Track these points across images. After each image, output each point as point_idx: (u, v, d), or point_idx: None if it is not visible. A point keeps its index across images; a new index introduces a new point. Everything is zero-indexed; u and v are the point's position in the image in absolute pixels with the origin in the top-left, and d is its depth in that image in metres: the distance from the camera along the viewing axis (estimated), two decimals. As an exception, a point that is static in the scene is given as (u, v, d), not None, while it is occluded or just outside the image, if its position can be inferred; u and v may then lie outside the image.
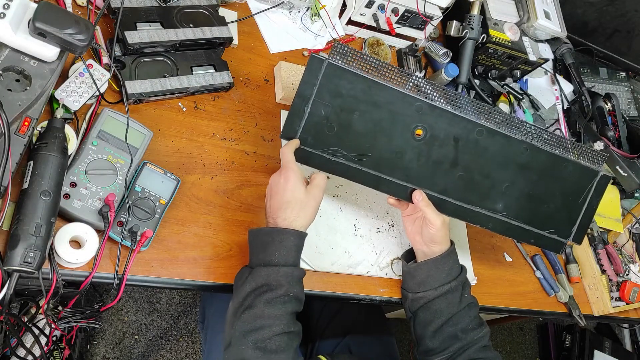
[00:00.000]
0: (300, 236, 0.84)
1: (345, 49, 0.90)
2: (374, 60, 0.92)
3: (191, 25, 0.98)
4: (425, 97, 0.94)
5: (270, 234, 0.83)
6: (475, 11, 1.28)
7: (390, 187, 0.96)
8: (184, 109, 0.98)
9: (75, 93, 0.84)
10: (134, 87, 0.91)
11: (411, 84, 0.94)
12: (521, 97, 1.41)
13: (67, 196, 0.78)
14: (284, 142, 0.94)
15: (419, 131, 0.94)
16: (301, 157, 0.93)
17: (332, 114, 0.92)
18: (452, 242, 0.99)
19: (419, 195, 0.95)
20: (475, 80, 1.35)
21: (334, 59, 0.90)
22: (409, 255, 1.03)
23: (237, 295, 0.82)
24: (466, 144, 0.96)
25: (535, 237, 1.03)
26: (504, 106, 1.38)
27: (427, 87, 0.95)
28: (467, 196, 0.98)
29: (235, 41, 1.09)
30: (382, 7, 1.20)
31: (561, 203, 1.02)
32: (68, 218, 0.79)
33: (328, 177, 0.92)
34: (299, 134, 0.92)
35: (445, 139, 0.95)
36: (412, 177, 0.96)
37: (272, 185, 0.87)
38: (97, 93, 0.86)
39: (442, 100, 0.95)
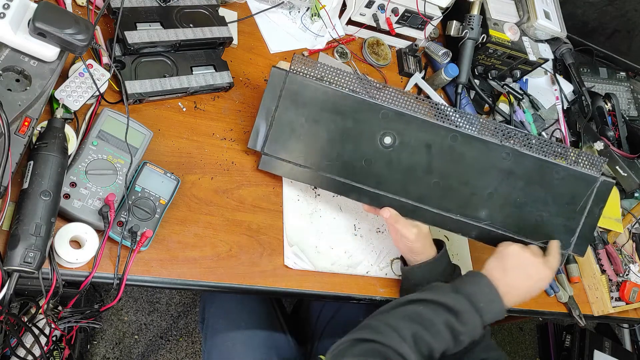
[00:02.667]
0: (504, 312, 0.87)
1: (306, 60, 0.92)
2: (335, 70, 0.93)
3: (191, 25, 0.98)
4: (391, 104, 0.93)
5: (493, 291, 0.86)
6: (475, 11, 1.28)
7: (360, 194, 0.96)
8: (184, 109, 0.98)
9: (75, 93, 0.84)
10: (134, 87, 0.91)
11: (374, 91, 0.93)
12: (521, 97, 1.41)
13: (67, 196, 0.78)
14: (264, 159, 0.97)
15: (387, 138, 0.94)
16: (269, 165, 0.96)
17: (297, 123, 0.94)
18: (442, 245, 0.99)
19: (385, 213, 0.94)
20: (475, 80, 1.35)
21: (294, 71, 0.92)
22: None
23: (424, 292, 0.85)
24: (440, 150, 0.94)
25: None
26: (503, 106, 1.38)
27: (393, 93, 0.94)
28: (445, 204, 0.96)
29: (235, 41, 1.09)
30: (382, 7, 1.20)
31: (555, 211, 0.97)
32: (68, 218, 0.79)
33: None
34: (265, 143, 0.95)
35: (416, 145, 0.94)
36: (383, 184, 0.95)
37: (531, 262, 0.90)
38: (97, 93, 0.86)
39: (410, 107, 0.94)
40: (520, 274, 0.88)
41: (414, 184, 0.95)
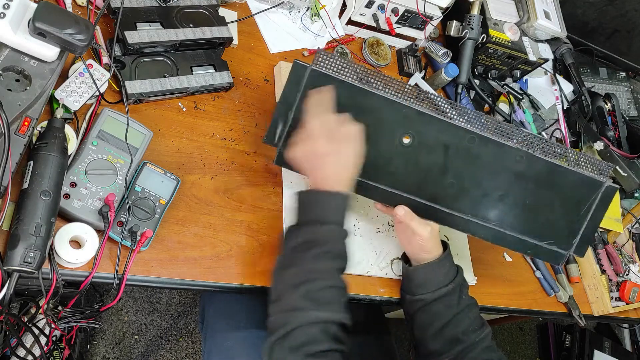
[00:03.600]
0: (342, 197, 0.85)
1: (329, 56, 0.90)
2: (358, 67, 0.92)
3: (191, 25, 0.98)
4: (414, 104, 0.93)
5: (323, 196, 0.84)
6: (475, 11, 1.28)
7: (376, 193, 0.95)
8: (184, 109, 0.98)
9: (75, 93, 0.84)
10: (133, 87, 0.91)
11: (397, 90, 0.93)
12: (521, 97, 1.41)
13: (67, 196, 0.78)
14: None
15: (407, 137, 0.93)
16: (285, 162, 0.93)
17: None
18: (447, 245, 0.99)
19: (400, 211, 0.94)
20: (475, 80, 1.35)
21: (317, 66, 0.90)
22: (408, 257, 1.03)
23: (284, 250, 0.84)
24: (457, 152, 0.94)
25: (531, 247, 0.99)
26: (503, 106, 1.38)
27: (416, 93, 0.93)
28: (458, 204, 0.96)
29: (235, 41, 1.09)
30: (382, 7, 1.20)
31: (561, 214, 0.98)
32: (68, 218, 0.79)
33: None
34: (283, 139, 0.92)
35: (434, 145, 0.94)
36: (399, 183, 0.95)
37: (320, 148, 0.86)
38: (97, 93, 0.86)
39: (431, 107, 0.94)
40: (322, 163, 0.85)
41: (429, 184, 0.95)
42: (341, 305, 0.81)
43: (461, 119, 0.95)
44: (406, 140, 0.93)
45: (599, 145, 1.36)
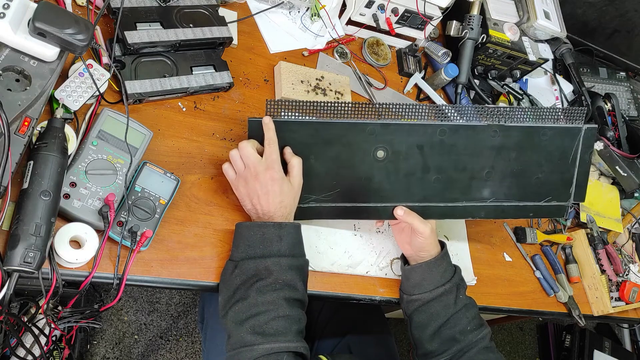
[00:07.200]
0: (280, 226, 0.85)
1: (279, 102, 0.89)
2: (310, 103, 0.91)
3: (191, 25, 0.98)
4: (373, 119, 0.93)
5: (255, 227, 0.85)
6: (475, 11, 1.28)
7: (369, 212, 0.97)
8: (184, 109, 0.98)
9: (75, 93, 0.84)
10: (133, 87, 0.91)
11: (355, 111, 0.92)
12: (521, 97, 1.41)
13: (67, 196, 0.78)
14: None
15: (380, 152, 0.94)
16: None
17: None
18: (444, 245, 0.99)
19: (400, 211, 0.96)
20: (475, 80, 1.35)
21: (271, 115, 0.89)
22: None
23: (225, 288, 0.84)
24: (431, 148, 0.96)
25: (533, 209, 1.04)
26: (503, 106, 1.38)
27: (376, 107, 0.94)
28: (449, 195, 0.99)
29: (235, 41, 1.09)
30: (382, 7, 1.20)
31: (550, 170, 1.03)
32: (68, 218, 0.79)
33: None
34: None
35: (408, 150, 0.95)
36: (387, 196, 0.96)
37: (260, 186, 0.87)
38: (97, 93, 0.86)
39: (392, 115, 0.94)
40: (264, 200, 0.87)
41: (416, 186, 0.97)
42: (293, 334, 0.80)
43: (425, 115, 0.96)
44: (380, 154, 0.94)
45: (598, 145, 1.36)
